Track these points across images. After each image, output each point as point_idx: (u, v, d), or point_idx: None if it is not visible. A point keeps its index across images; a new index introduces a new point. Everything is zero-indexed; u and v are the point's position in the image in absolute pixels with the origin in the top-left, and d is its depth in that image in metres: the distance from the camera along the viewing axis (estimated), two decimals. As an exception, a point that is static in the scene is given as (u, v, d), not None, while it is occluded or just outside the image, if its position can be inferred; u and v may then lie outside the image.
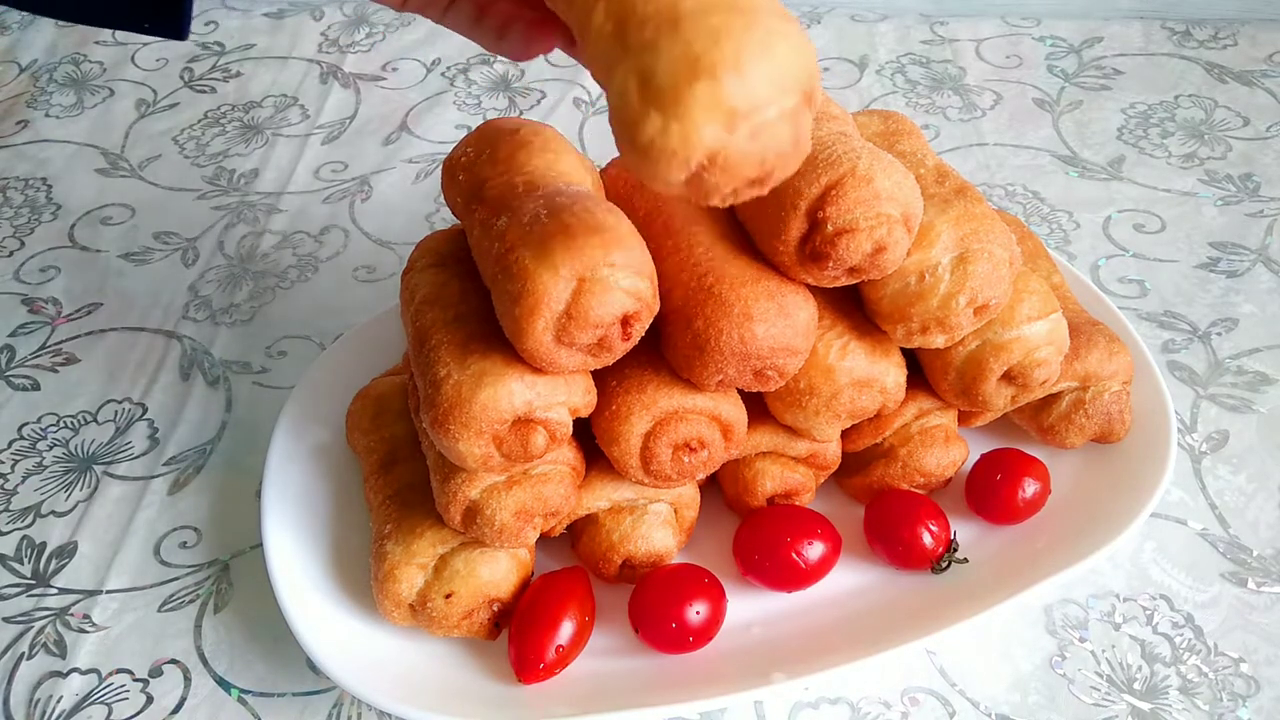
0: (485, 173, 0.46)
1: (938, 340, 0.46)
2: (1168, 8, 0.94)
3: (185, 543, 0.54)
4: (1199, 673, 0.46)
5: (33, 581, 0.53)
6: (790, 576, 0.47)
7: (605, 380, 0.44)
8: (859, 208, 0.41)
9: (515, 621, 0.44)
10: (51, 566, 0.53)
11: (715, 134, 0.27)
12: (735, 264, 0.44)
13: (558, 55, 0.96)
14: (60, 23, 0.96)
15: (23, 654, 0.49)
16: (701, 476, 0.48)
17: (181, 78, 0.92)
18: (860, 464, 0.52)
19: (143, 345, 0.66)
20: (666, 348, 0.45)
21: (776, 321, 0.43)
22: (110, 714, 0.47)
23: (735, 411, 0.46)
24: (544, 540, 0.48)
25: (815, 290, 0.45)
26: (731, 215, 0.48)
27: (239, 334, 0.66)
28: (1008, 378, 0.48)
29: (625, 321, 0.40)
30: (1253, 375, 0.60)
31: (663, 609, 0.44)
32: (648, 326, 0.43)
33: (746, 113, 0.27)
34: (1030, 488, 0.49)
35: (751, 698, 0.44)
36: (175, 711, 0.47)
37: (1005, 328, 0.47)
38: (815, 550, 0.47)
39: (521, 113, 0.87)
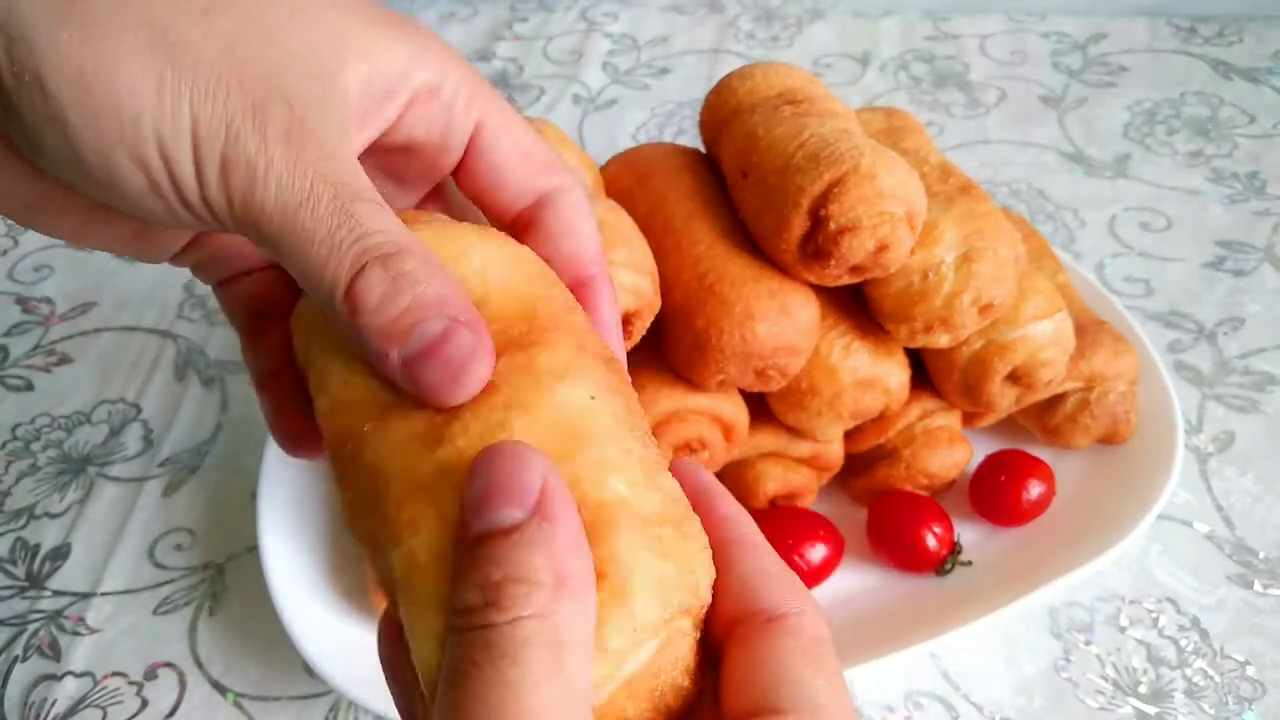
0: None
1: (942, 340, 0.45)
2: (1174, 4, 0.93)
3: (180, 545, 0.54)
4: (1205, 676, 0.46)
5: (26, 584, 0.52)
6: (792, 579, 0.46)
7: (605, 381, 0.44)
8: (862, 206, 0.41)
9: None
10: (45, 569, 0.53)
11: None
12: (736, 262, 0.44)
13: (557, 51, 0.96)
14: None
15: (17, 657, 0.49)
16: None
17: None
18: (863, 465, 0.51)
19: (137, 345, 0.66)
20: (667, 347, 0.45)
21: (778, 320, 0.42)
22: (105, 717, 0.46)
23: (736, 412, 0.46)
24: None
25: (817, 289, 0.45)
26: (733, 213, 0.47)
27: (234, 333, 0.66)
28: (1013, 378, 0.47)
29: (626, 320, 0.40)
30: (1260, 375, 0.59)
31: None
32: (649, 325, 0.43)
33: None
34: (1035, 489, 0.49)
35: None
36: (170, 715, 0.46)
37: (1010, 327, 0.46)
38: (817, 552, 0.46)
39: (521, 109, 0.86)
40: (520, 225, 0.26)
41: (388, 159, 0.26)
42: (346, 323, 0.21)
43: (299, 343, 0.25)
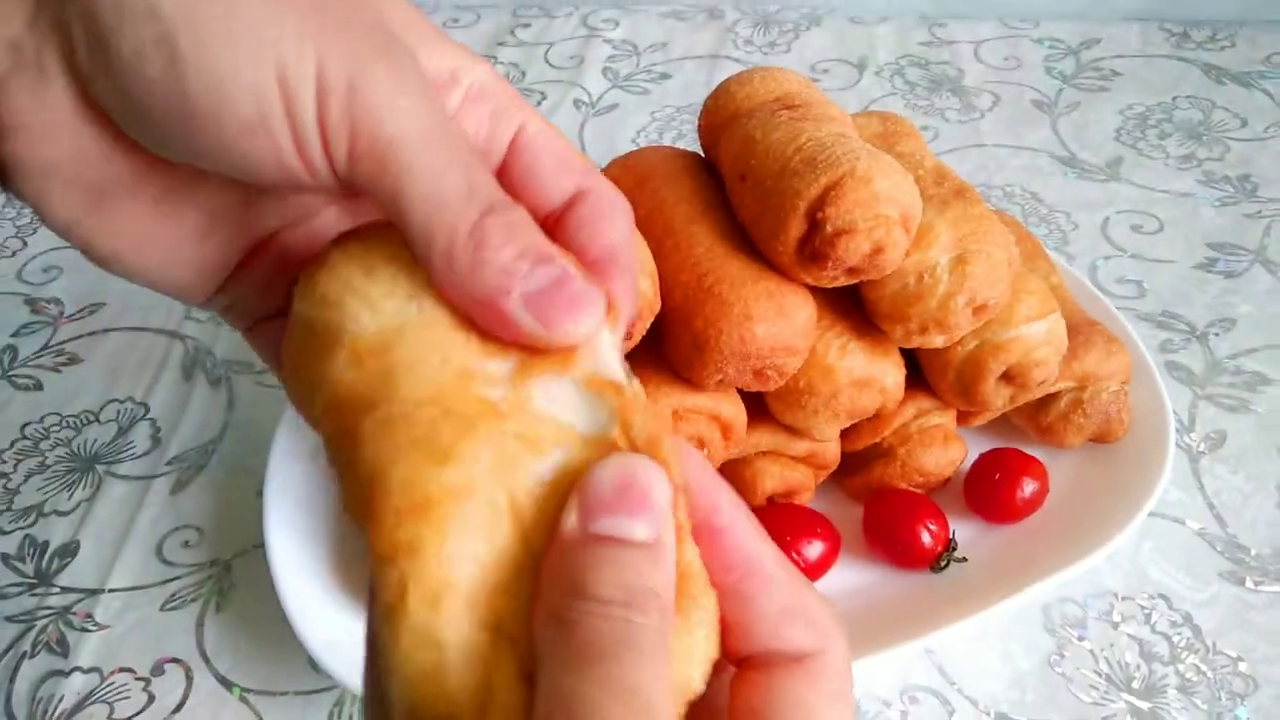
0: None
1: (937, 340, 0.46)
2: (1166, 9, 0.94)
3: (187, 542, 0.54)
4: (1197, 672, 0.46)
5: (35, 580, 0.53)
6: (790, 575, 0.47)
7: (606, 380, 0.45)
8: (858, 209, 0.41)
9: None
10: (54, 565, 0.53)
11: None
12: (735, 264, 0.44)
13: (559, 56, 0.97)
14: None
15: (25, 653, 0.49)
16: (701, 476, 0.47)
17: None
18: (859, 463, 0.52)
19: (145, 345, 0.66)
20: (667, 347, 0.45)
21: (776, 321, 0.43)
22: (112, 713, 0.47)
23: (735, 411, 0.47)
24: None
25: (814, 290, 0.46)
26: (732, 216, 0.48)
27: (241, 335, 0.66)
28: (1006, 378, 0.48)
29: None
30: (1250, 375, 0.60)
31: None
32: (649, 326, 0.43)
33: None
34: (1029, 487, 0.49)
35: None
36: (177, 710, 0.47)
37: (1004, 328, 0.47)
38: (814, 549, 0.47)
39: (522, 114, 0.87)
40: (550, 224, 0.26)
41: None
42: (465, 259, 0.21)
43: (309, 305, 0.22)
